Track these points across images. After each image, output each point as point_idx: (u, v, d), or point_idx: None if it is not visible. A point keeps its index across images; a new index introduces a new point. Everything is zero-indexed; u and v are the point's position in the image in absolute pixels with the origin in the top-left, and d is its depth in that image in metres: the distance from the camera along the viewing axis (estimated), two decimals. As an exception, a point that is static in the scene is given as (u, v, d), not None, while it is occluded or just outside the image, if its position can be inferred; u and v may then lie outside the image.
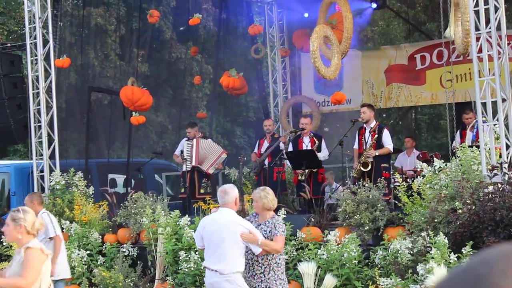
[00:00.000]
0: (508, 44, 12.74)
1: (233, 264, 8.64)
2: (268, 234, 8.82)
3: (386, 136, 13.28)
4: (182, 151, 15.22)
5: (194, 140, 15.17)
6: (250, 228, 8.76)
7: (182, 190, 14.97)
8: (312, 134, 14.50)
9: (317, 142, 14.25)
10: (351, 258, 10.64)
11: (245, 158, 15.61)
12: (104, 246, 13.59)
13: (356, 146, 13.64)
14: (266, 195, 8.97)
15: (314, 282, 10.75)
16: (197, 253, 12.07)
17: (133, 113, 15.82)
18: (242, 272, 8.77)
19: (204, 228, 8.89)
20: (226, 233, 8.67)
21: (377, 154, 13.08)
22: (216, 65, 20.25)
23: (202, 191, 15.10)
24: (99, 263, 13.35)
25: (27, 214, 7.05)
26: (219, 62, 19.59)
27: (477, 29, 10.92)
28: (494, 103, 10.78)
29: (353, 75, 17.98)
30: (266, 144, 15.23)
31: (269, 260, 8.80)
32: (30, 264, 6.85)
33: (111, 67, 20.84)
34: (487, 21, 10.86)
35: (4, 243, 14.16)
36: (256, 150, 15.44)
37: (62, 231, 14.24)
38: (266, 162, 15.03)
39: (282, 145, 14.78)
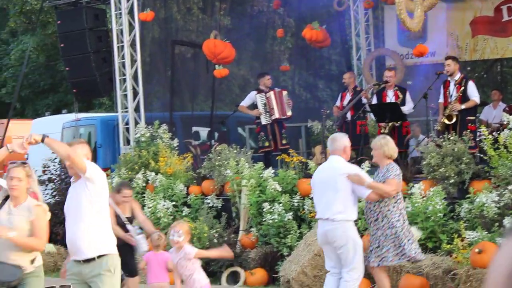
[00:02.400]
0: None
1: (345, 212, 8.70)
2: (382, 179, 8.83)
3: (472, 88, 13.03)
4: (254, 104, 15.12)
5: (271, 92, 15.09)
6: (358, 171, 8.79)
7: (267, 144, 14.96)
8: (396, 87, 14.34)
9: (401, 95, 14.08)
10: (436, 211, 10.58)
11: (327, 111, 15.54)
12: (188, 198, 13.77)
13: (441, 99, 13.44)
14: (387, 143, 8.98)
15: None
16: (281, 205, 12.15)
17: (216, 66, 15.89)
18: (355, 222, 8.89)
19: (313, 178, 8.95)
20: (335, 180, 8.74)
21: (463, 107, 12.87)
22: (298, 18, 20.14)
23: (284, 141, 15.11)
24: (184, 214, 13.55)
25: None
26: (301, 15, 19.46)
27: None
28: None
29: (437, 27, 17.66)
30: (348, 97, 15.12)
31: (381, 207, 8.79)
32: (43, 224, 7.00)
33: (193, 20, 20.90)
34: None
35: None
36: (338, 103, 15.34)
37: (148, 183, 14.51)
38: (349, 115, 14.93)
39: (364, 99, 14.66)
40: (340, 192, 8.70)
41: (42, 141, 6.75)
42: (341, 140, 9.02)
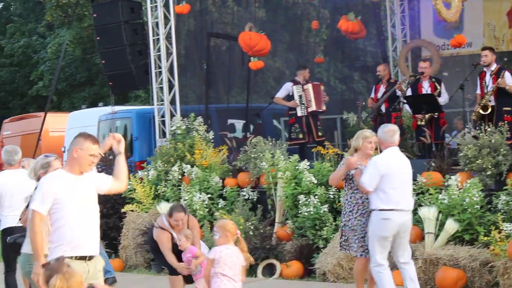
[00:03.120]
0: None
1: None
2: None
3: (508, 79, 12.90)
4: (289, 96, 15.10)
5: (309, 85, 15.06)
6: None
7: (301, 136, 14.95)
8: (432, 78, 14.25)
9: (438, 87, 13.99)
10: (472, 203, 10.51)
11: (363, 103, 15.50)
12: (224, 190, 13.80)
13: (478, 91, 13.35)
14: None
15: (435, 227, 10.70)
16: (316, 197, 12.14)
17: (252, 58, 15.90)
18: None
19: (386, 169, 9.05)
20: (408, 171, 9.24)
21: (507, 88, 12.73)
22: (333, 9, 20.05)
23: (320, 133, 15.08)
24: (220, 206, 13.59)
25: None
26: (336, 6, 19.38)
27: None
28: None
29: (474, 17, 17.49)
30: (382, 89, 15.03)
31: None
32: None
33: (228, 13, 20.91)
34: None
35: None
36: (372, 95, 15.27)
37: (184, 175, 14.56)
38: (383, 107, 14.86)
39: (398, 92, 14.58)
40: (411, 182, 9.40)
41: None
42: (398, 133, 9.33)
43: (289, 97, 15.07)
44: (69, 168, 6.85)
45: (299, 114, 14.94)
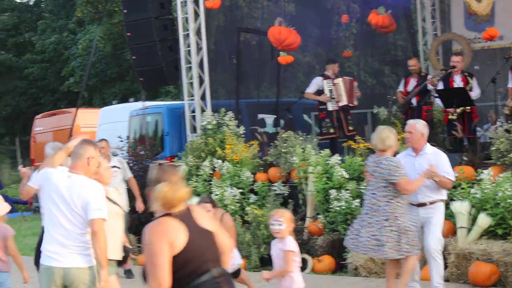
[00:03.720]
0: None
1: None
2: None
3: (540, 72, 12.81)
4: (319, 90, 15.07)
5: (340, 79, 15.03)
6: None
7: (331, 130, 14.92)
8: (464, 72, 14.15)
9: (470, 81, 13.89)
10: (505, 197, 10.44)
11: (394, 97, 15.43)
12: (255, 185, 13.81)
13: (510, 84, 13.24)
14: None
15: (468, 222, 10.64)
16: (348, 191, 12.12)
17: (281, 52, 15.88)
18: None
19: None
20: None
21: None
22: (363, 3, 19.96)
23: (350, 128, 15.04)
24: (251, 201, 13.60)
25: None
26: (366, 0, 19.31)
27: None
28: None
29: (506, 10, 17.35)
30: (412, 82, 14.94)
31: None
32: None
33: (258, 7, 20.95)
34: None
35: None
36: (401, 88, 15.17)
37: (214, 170, 14.58)
38: (414, 101, 14.79)
39: (429, 86, 14.50)
40: None
41: None
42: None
43: (319, 92, 15.03)
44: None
45: (329, 108, 14.89)
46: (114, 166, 12.79)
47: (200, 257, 4.91)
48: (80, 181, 6.87)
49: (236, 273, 9.66)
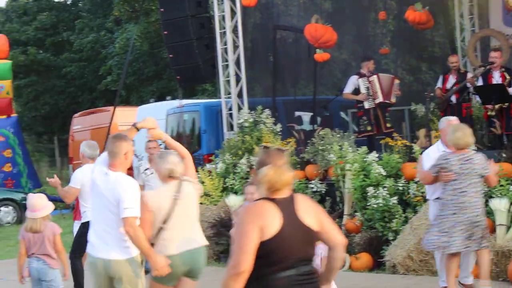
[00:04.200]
0: None
1: None
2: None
3: None
4: (356, 89, 15.03)
5: (374, 76, 14.98)
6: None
7: (369, 128, 14.87)
8: (502, 68, 14.01)
9: (508, 76, 13.75)
10: (545, 194, 10.36)
11: (431, 94, 15.33)
12: (292, 182, 13.77)
13: (550, 79, 13.11)
14: None
15: (507, 219, 10.56)
16: (385, 189, 12.07)
17: (317, 50, 15.86)
18: None
19: None
20: None
21: None
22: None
23: (388, 125, 14.98)
24: (288, 198, 13.56)
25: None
26: (403, -4, 19.23)
27: None
28: None
29: (545, 5, 17.18)
30: (451, 79, 14.83)
31: None
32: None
33: (294, 5, 20.94)
34: None
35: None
36: (440, 85, 15.07)
37: (252, 168, 14.58)
38: (453, 98, 14.69)
39: (468, 84, 14.39)
40: None
41: None
42: None
43: (356, 91, 15.01)
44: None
45: (366, 106, 14.86)
46: (147, 169, 12.84)
47: (286, 250, 4.73)
48: (115, 179, 7.00)
49: None
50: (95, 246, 7.03)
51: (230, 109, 16.00)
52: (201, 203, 14.43)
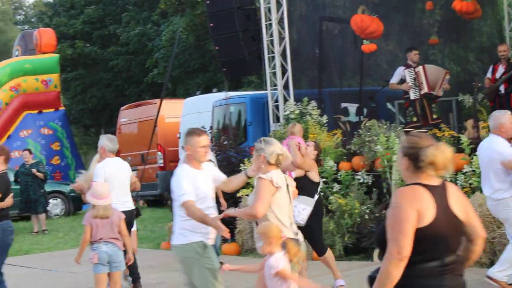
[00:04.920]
0: None
1: (504, 190, 9.01)
2: None
3: None
4: (402, 80, 14.96)
5: (420, 67, 14.89)
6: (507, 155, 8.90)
7: (415, 119, 14.79)
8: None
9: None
10: None
11: (479, 84, 15.18)
12: (339, 174, 13.76)
13: None
14: None
15: None
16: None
17: (364, 41, 15.79)
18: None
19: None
20: (485, 157, 9.20)
21: None
22: (447, -11, 19.70)
23: (435, 116, 14.88)
24: (334, 190, 13.56)
25: (268, 145, 7.25)
26: (450, -14, 19.02)
27: None
28: None
29: None
30: (501, 69, 14.69)
31: None
32: (258, 194, 7.07)
33: (340, -4, 20.88)
34: None
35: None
36: (489, 75, 14.94)
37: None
38: (502, 88, 14.54)
39: (518, 73, 14.25)
40: (487, 169, 9.17)
41: None
42: (497, 119, 9.09)
43: (402, 81, 14.96)
44: (190, 164, 7.33)
45: (412, 97, 14.83)
46: (209, 160, 12.92)
47: (437, 240, 4.54)
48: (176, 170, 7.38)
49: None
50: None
51: (276, 100, 16.00)
52: (247, 195, 14.51)
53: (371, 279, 4.67)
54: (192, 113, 20.79)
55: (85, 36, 39.90)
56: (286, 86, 15.95)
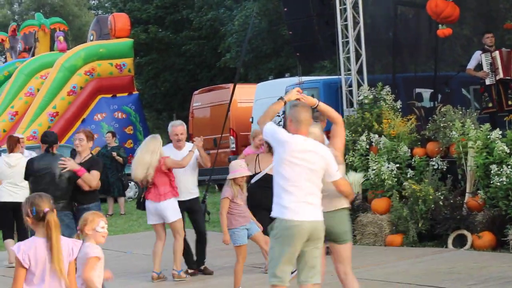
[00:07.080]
0: None
1: None
2: None
3: None
4: (479, 64, 14.79)
5: (497, 52, 14.69)
6: None
7: (490, 105, 14.63)
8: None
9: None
10: None
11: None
12: (413, 160, 13.68)
13: None
14: None
15: None
16: (509, 167, 11.84)
17: (440, 25, 15.64)
18: None
19: None
20: None
21: None
22: (525, -28, 19.37)
23: (510, 102, 14.70)
24: (408, 176, 13.49)
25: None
26: (528, -31, 18.71)
27: None
28: None
29: None
30: None
31: None
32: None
33: (415, -20, 20.66)
34: None
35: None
36: None
37: (371, 145, 14.51)
38: None
39: None
40: None
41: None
42: None
43: (479, 66, 14.79)
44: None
45: (487, 82, 14.69)
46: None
47: None
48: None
49: None
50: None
51: (350, 86, 15.96)
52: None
53: None
54: (264, 97, 20.79)
55: (158, 21, 40.19)
56: (360, 71, 15.89)
